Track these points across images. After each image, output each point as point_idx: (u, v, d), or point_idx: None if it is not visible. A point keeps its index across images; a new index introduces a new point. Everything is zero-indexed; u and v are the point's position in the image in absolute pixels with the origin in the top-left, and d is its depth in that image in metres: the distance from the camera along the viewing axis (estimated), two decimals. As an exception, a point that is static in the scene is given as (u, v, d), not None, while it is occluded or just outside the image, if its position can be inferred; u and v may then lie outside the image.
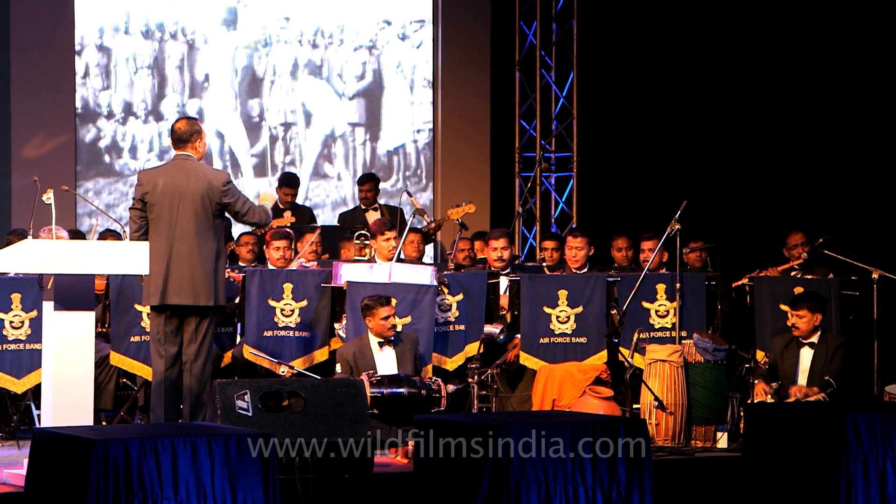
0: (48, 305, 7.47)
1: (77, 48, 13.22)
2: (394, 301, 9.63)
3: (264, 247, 10.78)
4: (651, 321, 10.22)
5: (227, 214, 8.47)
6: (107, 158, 13.37)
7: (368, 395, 8.64)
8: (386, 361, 9.42)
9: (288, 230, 10.93)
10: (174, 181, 8.28)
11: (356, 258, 11.09)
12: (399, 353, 9.48)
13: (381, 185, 13.15)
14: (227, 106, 13.76)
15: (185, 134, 8.37)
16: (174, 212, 8.25)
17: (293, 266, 10.41)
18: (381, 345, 9.46)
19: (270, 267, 10.52)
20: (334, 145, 14.21)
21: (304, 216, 12.50)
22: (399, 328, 9.64)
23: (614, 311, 10.08)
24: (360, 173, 13.82)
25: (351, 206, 13.62)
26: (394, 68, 14.41)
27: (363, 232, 11.32)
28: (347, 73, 14.24)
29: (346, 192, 14.09)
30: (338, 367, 9.46)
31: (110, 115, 13.40)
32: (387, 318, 9.41)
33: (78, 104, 13.25)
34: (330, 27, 14.14)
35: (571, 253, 10.69)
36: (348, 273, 10.02)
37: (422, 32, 14.51)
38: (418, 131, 14.54)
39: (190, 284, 8.23)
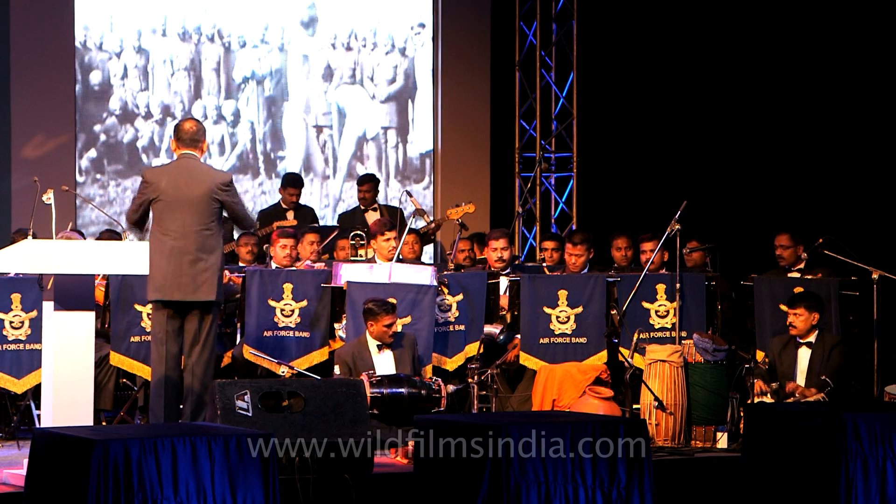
0: (48, 305, 7.48)
1: (117, 50, 13.35)
2: (394, 301, 9.63)
3: (269, 246, 10.79)
4: (651, 321, 10.22)
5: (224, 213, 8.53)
6: (145, 158, 13.45)
7: (368, 395, 8.64)
8: (384, 364, 9.41)
9: (293, 230, 10.95)
10: (179, 180, 8.32)
11: (351, 258, 11.10)
12: (398, 356, 9.47)
13: (413, 188, 13.17)
14: (261, 108, 13.82)
15: (197, 135, 8.41)
16: (178, 209, 8.28)
17: (300, 267, 10.43)
18: (379, 347, 9.45)
19: (273, 266, 10.52)
20: (367, 148, 14.25)
21: (307, 216, 12.51)
22: (399, 328, 9.64)
23: (614, 312, 10.08)
24: (392, 176, 13.88)
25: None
26: (427, 71, 14.44)
27: (358, 232, 11.33)
28: (380, 77, 14.28)
29: (380, 195, 14.11)
30: (336, 369, 9.46)
31: (148, 116, 13.49)
32: (390, 325, 9.41)
33: (116, 105, 13.37)
34: (363, 30, 14.19)
35: (571, 259, 10.69)
36: (348, 273, 10.02)
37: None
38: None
39: (192, 281, 8.25)
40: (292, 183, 12.65)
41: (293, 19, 13.98)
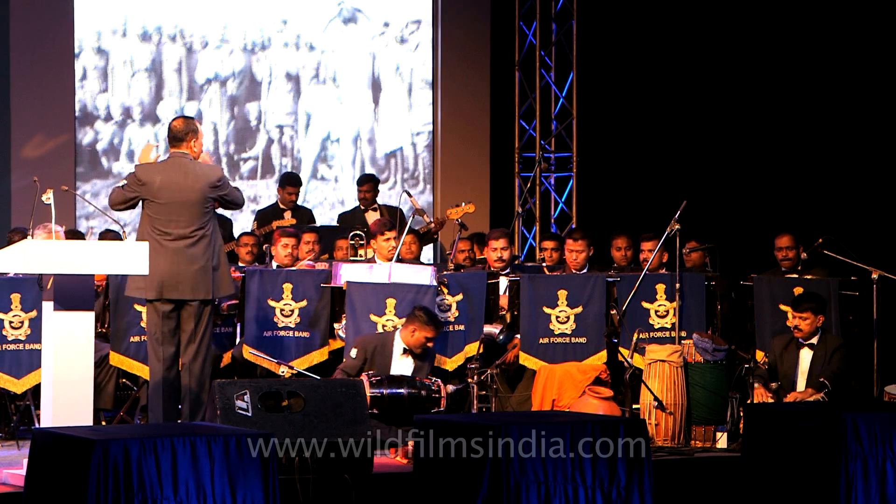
0: (48, 305, 7.47)
1: (76, 50, 13.22)
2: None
3: (271, 245, 10.79)
4: (651, 321, 10.22)
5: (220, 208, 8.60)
6: (104, 161, 13.36)
7: (368, 395, 8.64)
8: (403, 368, 9.34)
9: (294, 229, 10.95)
10: (170, 179, 8.34)
11: (351, 258, 11.09)
12: (418, 366, 9.43)
13: (379, 187, 13.13)
14: (224, 109, 13.72)
15: (181, 133, 8.45)
16: (171, 209, 8.30)
17: (299, 267, 10.42)
18: (405, 351, 9.41)
19: (274, 265, 10.52)
20: (332, 148, 14.20)
21: (305, 216, 12.49)
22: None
23: (614, 311, 10.08)
24: (357, 176, 13.82)
25: (349, 208, 13.63)
26: (392, 71, 14.40)
27: (357, 232, 11.32)
28: (345, 76, 14.22)
29: (344, 195, 14.08)
30: (353, 352, 9.39)
31: (108, 118, 13.40)
32: (430, 340, 9.37)
33: (76, 107, 13.25)
34: (327, 30, 14.11)
35: (571, 256, 10.69)
36: (348, 273, 10.02)
37: (419, 34, 14.50)
38: (417, 134, 14.53)
39: (188, 280, 8.27)
40: (291, 182, 12.62)
41: (256, 18, 13.85)
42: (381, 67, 14.36)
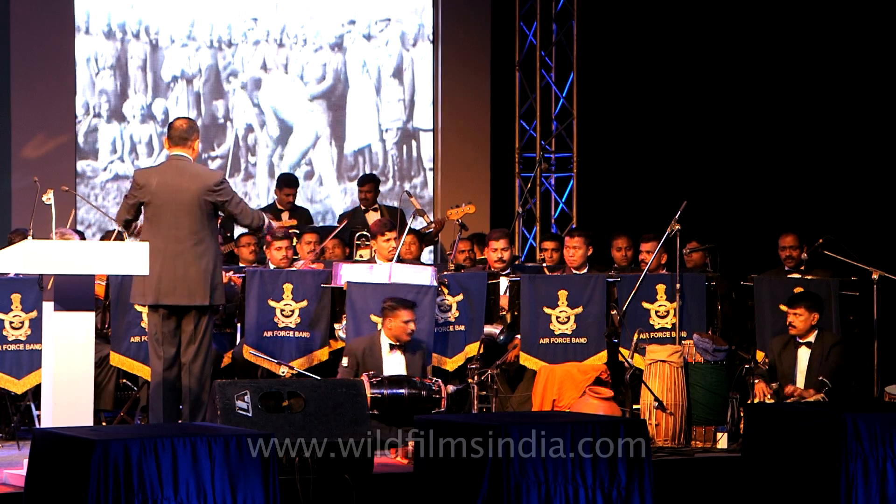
0: (48, 306, 7.47)
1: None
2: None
3: (265, 247, 10.78)
4: (651, 321, 10.23)
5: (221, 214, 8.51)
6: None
7: (369, 395, 8.64)
8: (394, 365, 9.37)
9: (289, 231, 10.94)
10: (168, 181, 8.30)
11: (353, 258, 11.09)
12: (409, 359, 9.43)
13: (347, 186, 13.09)
14: (191, 107, 13.65)
15: (184, 133, 8.38)
16: (169, 211, 8.26)
17: (299, 267, 10.42)
18: (392, 347, 9.42)
19: (272, 267, 10.52)
20: (300, 146, 14.13)
21: (302, 217, 12.49)
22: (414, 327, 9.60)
23: (614, 312, 10.08)
24: (325, 173, 13.77)
25: (317, 206, 13.60)
26: (359, 68, 14.35)
27: (364, 233, 11.31)
28: (313, 73, 14.17)
29: (312, 193, 14.02)
30: (344, 361, 9.42)
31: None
32: (408, 321, 9.38)
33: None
34: (295, 27, 14.05)
35: (569, 253, 10.71)
36: (348, 273, 10.02)
37: (388, 31, 14.43)
38: (386, 130, 14.48)
39: (185, 284, 8.24)
40: (288, 183, 12.61)
41: (223, 15, 13.74)
42: (348, 64, 14.30)
